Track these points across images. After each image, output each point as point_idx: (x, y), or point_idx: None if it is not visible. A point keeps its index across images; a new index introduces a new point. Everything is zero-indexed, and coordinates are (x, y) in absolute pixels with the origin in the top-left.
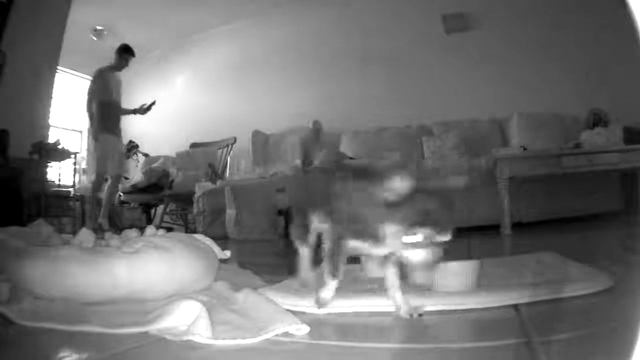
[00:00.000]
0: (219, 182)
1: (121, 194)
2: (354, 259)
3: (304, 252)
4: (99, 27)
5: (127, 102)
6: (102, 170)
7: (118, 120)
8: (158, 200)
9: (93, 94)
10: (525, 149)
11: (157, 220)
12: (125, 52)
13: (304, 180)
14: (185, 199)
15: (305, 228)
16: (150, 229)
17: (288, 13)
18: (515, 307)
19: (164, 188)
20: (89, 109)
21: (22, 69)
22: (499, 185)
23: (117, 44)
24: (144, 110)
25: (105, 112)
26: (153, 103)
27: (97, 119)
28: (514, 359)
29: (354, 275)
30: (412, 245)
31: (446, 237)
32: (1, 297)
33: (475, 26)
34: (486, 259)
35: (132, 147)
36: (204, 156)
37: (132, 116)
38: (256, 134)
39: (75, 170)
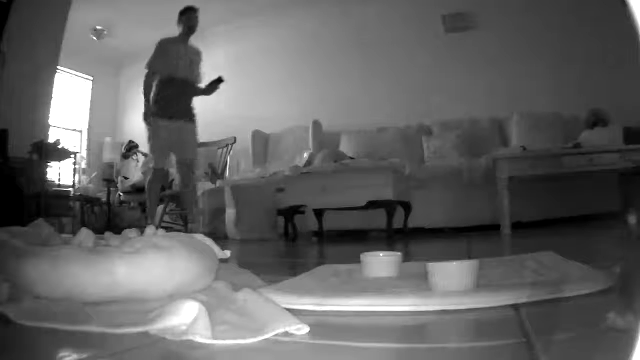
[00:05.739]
0: (219, 182)
1: (121, 194)
2: (354, 259)
3: None
4: (99, 27)
5: (126, 103)
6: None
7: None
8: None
9: (151, 67)
10: (525, 149)
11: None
12: (182, 15)
13: None
14: None
15: None
16: (150, 229)
17: (288, 13)
18: (515, 307)
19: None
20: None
21: (22, 69)
22: (499, 185)
23: (116, 44)
24: (209, 89)
25: (165, 91)
26: (219, 80)
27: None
28: (513, 359)
29: (354, 276)
30: None
31: None
32: (1, 297)
33: (475, 26)
34: (486, 259)
35: (132, 147)
36: (204, 156)
37: (135, 115)
38: (256, 134)
39: (75, 170)
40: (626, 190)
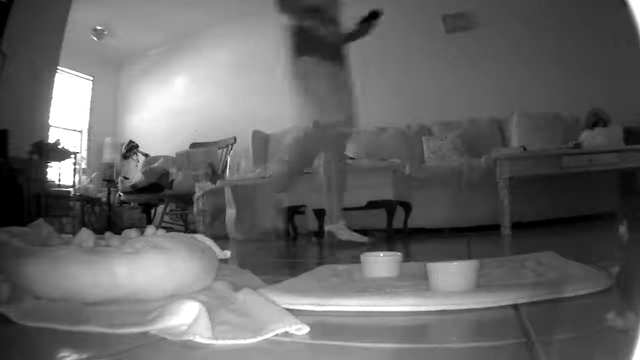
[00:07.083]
0: (219, 182)
1: (121, 194)
2: (354, 259)
3: None
4: (99, 27)
5: (126, 103)
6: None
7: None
8: (158, 200)
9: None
10: (525, 149)
11: (157, 220)
12: None
13: None
14: (185, 199)
15: None
16: (150, 229)
17: None
18: (515, 307)
19: (164, 188)
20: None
21: (22, 69)
22: (499, 185)
23: (116, 44)
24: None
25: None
26: (375, 15)
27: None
28: (513, 359)
29: (354, 275)
30: None
31: None
32: (1, 297)
33: (476, 26)
34: (486, 259)
35: (132, 147)
36: (204, 156)
37: (135, 115)
38: (256, 134)
39: (75, 170)
40: (622, 191)
